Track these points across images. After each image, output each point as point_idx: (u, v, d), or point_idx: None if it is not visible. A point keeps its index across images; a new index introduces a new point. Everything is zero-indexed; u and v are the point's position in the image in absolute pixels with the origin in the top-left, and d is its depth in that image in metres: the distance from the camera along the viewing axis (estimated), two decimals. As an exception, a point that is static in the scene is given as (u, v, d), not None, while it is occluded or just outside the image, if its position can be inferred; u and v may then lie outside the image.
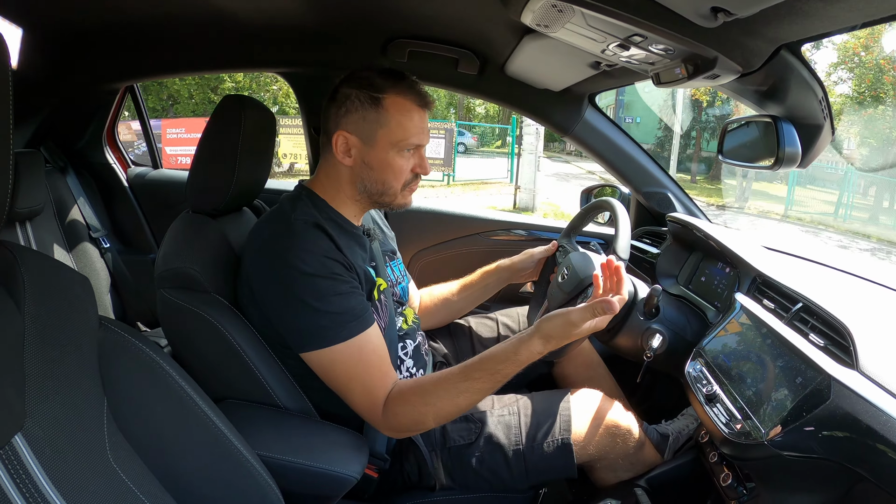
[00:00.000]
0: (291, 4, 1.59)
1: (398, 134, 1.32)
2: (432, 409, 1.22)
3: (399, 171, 1.36)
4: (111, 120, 2.58)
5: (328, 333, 1.22)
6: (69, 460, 0.77)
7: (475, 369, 1.22)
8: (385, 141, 1.33)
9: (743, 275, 1.50)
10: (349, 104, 1.32)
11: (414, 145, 1.35)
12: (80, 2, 1.63)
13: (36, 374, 0.76)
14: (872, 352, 1.02)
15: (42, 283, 0.81)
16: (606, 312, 1.14)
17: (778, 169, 1.40)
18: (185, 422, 0.97)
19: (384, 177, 1.36)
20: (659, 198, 2.12)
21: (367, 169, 1.36)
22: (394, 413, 1.23)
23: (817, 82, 1.24)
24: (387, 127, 1.32)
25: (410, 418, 1.24)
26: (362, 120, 1.32)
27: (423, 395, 1.23)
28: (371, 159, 1.35)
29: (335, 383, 1.27)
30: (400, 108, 1.32)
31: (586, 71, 1.63)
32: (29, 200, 2.03)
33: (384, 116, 1.32)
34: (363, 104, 1.32)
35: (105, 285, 2.38)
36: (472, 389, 1.22)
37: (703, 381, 1.33)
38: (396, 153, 1.34)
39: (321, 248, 1.25)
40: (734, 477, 1.24)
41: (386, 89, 1.32)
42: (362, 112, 1.32)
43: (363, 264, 1.37)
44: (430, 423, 1.26)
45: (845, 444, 0.96)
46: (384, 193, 1.38)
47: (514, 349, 1.20)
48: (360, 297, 1.29)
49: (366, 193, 1.39)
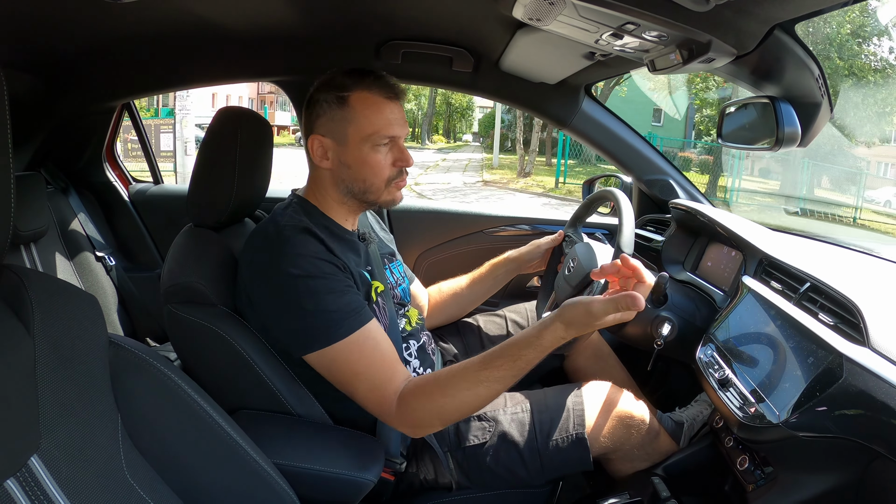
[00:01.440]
0: (282, 13, 1.59)
1: (367, 128, 1.33)
2: (452, 401, 1.19)
3: (377, 166, 1.35)
4: (110, 138, 2.58)
5: (326, 332, 1.21)
6: (86, 479, 0.77)
7: (496, 356, 1.19)
8: (356, 138, 1.33)
9: (749, 257, 1.50)
10: (318, 108, 1.34)
11: (387, 137, 1.35)
12: (62, 30, 1.61)
13: (49, 396, 0.77)
14: (883, 328, 1.02)
15: (50, 305, 0.82)
16: (631, 308, 1.09)
17: (778, 149, 1.39)
18: (201, 435, 0.97)
19: (363, 174, 1.36)
20: (661, 185, 2.12)
21: (346, 169, 1.36)
22: (412, 408, 1.21)
23: (813, 60, 1.24)
24: (355, 123, 1.33)
25: (429, 411, 1.21)
26: (331, 121, 1.33)
27: (443, 387, 1.20)
28: (347, 158, 1.35)
29: (341, 383, 1.25)
30: (365, 103, 1.33)
31: (581, 62, 1.63)
32: (32, 223, 2.04)
33: (351, 113, 1.32)
34: (331, 105, 1.33)
35: (112, 303, 2.38)
36: (494, 378, 1.18)
37: (715, 367, 1.32)
38: (370, 149, 1.34)
39: (311, 250, 1.26)
40: (751, 461, 1.24)
41: (350, 87, 1.33)
42: (331, 113, 1.33)
43: (357, 268, 1.36)
44: (450, 416, 1.23)
45: (860, 421, 0.96)
46: (367, 191, 1.38)
47: (536, 334, 1.18)
48: (355, 295, 1.28)
49: (350, 194, 1.39)
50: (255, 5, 1.53)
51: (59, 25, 1.52)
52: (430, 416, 1.22)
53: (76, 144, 2.47)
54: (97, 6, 1.23)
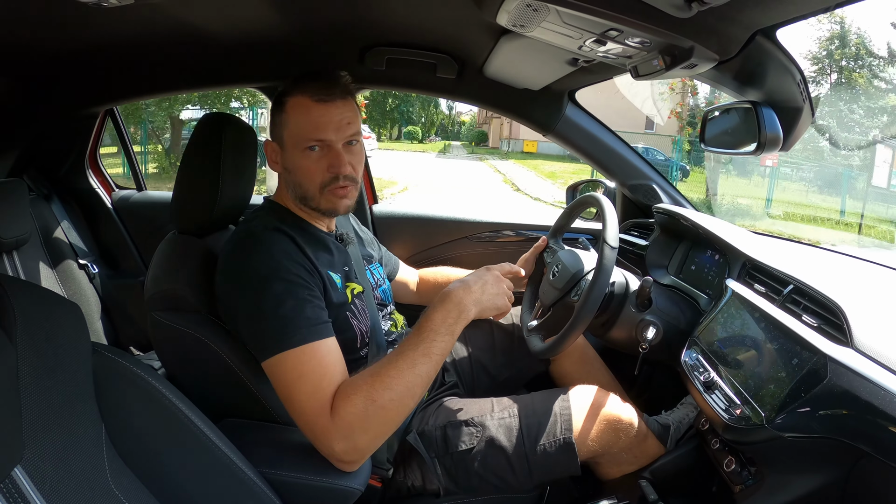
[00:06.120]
0: (266, 19, 1.59)
1: (296, 132, 1.33)
2: (385, 393, 1.13)
3: (307, 171, 1.34)
4: (93, 145, 2.56)
5: (280, 338, 1.17)
6: (70, 489, 0.77)
7: (412, 345, 1.20)
8: (290, 142, 1.34)
9: (732, 261, 1.51)
10: (271, 113, 1.37)
11: (313, 141, 1.33)
12: (42, 35, 1.59)
13: (32, 405, 0.76)
14: (866, 328, 1.03)
15: (32, 313, 0.81)
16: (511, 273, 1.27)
17: (761, 153, 1.41)
18: (185, 444, 0.96)
19: (298, 179, 1.36)
20: (644, 189, 2.13)
21: (288, 173, 1.38)
22: (343, 412, 1.12)
23: (794, 65, 1.25)
24: (288, 127, 1.34)
25: (361, 409, 1.12)
26: (275, 125, 1.36)
27: (373, 376, 1.15)
28: (287, 163, 1.37)
29: (283, 387, 1.18)
30: (295, 106, 1.33)
31: (564, 68, 1.64)
32: (14, 230, 2.02)
33: (285, 117, 1.34)
34: (276, 110, 1.36)
35: (96, 311, 2.36)
36: (420, 364, 1.17)
37: (700, 369, 1.33)
38: (300, 153, 1.34)
39: (281, 249, 1.25)
40: (738, 462, 1.24)
41: (289, 91, 1.34)
42: (275, 118, 1.36)
43: (328, 269, 1.35)
44: (382, 413, 1.14)
45: (845, 421, 0.97)
46: (306, 197, 1.38)
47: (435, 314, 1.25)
48: (318, 310, 1.24)
49: (297, 199, 1.40)
50: (238, 11, 1.52)
51: (39, 30, 1.51)
52: (359, 415, 1.13)
53: (59, 151, 2.45)
54: (78, 10, 1.22)
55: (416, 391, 1.18)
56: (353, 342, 1.38)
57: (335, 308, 1.33)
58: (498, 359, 1.84)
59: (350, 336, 1.37)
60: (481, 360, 1.83)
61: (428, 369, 1.18)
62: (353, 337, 1.37)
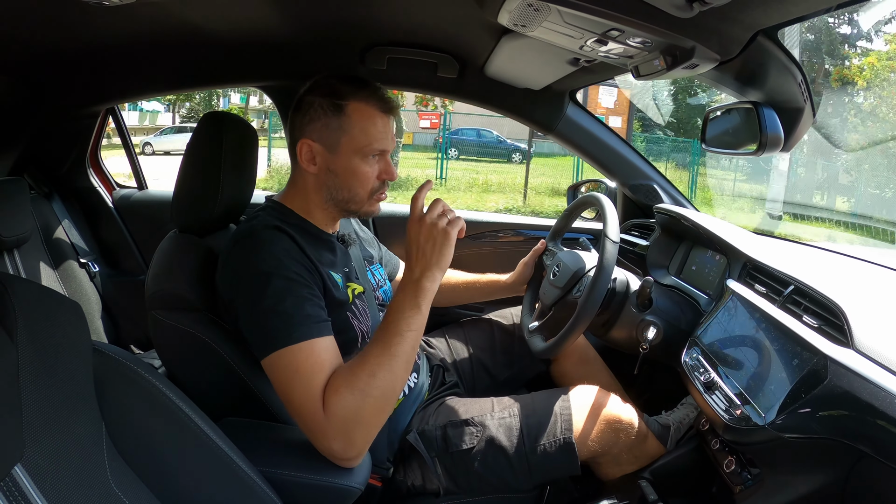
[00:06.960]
0: (267, 18, 1.59)
1: (361, 140, 1.32)
2: (370, 380, 1.12)
3: (364, 178, 1.35)
4: (94, 143, 2.56)
5: (280, 334, 1.16)
6: (70, 488, 0.76)
7: (392, 330, 1.18)
8: (348, 148, 1.33)
9: (733, 261, 1.51)
10: (312, 112, 1.33)
11: (378, 151, 1.35)
12: (43, 33, 1.59)
13: (32, 403, 0.76)
14: (866, 329, 1.03)
15: (33, 311, 0.81)
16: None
17: (762, 154, 1.41)
18: (186, 443, 0.96)
19: (349, 184, 1.36)
20: (645, 190, 2.13)
21: (332, 176, 1.36)
22: (335, 407, 1.11)
23: (795, 66, 1.25)
24: (349, 134, 1.32)
25: (350, 401, 1.11)
26: (325, 127, 1.32)
27: (355, 366, 1.14)
28: (335, 167, 1.34)
29: (281, 384, 1.17)
30: (362, 115, 1.32)
31: (565, 68, 1.64)
32: (15, 228, 2.02)
33: (347, 123, 1.32)
34: (326, 112, 1.32)
35: (96, 309, 2.36)
36: (401, 350, 1.16)
37: (701, 370, 1.33)
38: (360, 160, 1.34)
39: (282, 247, 1.24)
40: (738, 463, 1.24)
41: (348, 96, 1.32)
42: (325, 119, 1.32)
43: (329, 269, 1.35)
44: (372, 402, 1.13)
45: (845, 422, 0.97)
46: (350, 201, 1.38)
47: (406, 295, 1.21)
48: (317, 308, 1.23)
49: (332, 201, 1.38)
50: (239, 10, 1.52)
51: (40, 28, 1.51)
52: (351, 409, 1.12)
53: (60, 149, 2.44)
54: (79, 9, 1.22)
55: (399, 373, 1.16)
56: (354, 343, 1.38)
57: (336, 308, 1.32)
58: (498, 358, 1.84)
59: (351, 336, 1.36)
60: (482, 360, 1.84)
61: (405, 349, 1.16)
62: (354, 337, 1.37)
